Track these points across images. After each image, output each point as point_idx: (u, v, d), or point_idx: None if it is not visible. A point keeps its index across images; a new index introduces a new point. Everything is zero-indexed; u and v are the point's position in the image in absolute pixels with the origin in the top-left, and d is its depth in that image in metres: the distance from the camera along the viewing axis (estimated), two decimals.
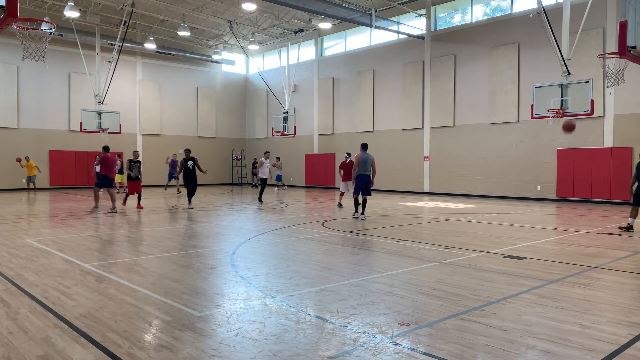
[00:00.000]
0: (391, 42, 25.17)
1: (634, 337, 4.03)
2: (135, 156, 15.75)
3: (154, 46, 27.54)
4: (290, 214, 14.10)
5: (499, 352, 3.71)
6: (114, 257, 7.61)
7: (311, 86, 29.34)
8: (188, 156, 15.75)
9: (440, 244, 8.79)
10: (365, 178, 12.64)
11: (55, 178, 26.19)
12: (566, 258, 7.47)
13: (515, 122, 20.36)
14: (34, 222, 12.29)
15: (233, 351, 3.75)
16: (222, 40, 30.46)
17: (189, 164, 15.52)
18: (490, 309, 4.80)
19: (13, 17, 6.33)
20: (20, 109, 25.18)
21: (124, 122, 26.10)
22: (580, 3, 15.98)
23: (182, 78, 31.03)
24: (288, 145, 30.24)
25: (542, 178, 19.60)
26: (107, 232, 10.36)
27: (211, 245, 8.86)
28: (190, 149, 16.44)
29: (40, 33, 11.55)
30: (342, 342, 3.93)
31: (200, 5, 24.31)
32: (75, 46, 23.55)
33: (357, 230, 10.67)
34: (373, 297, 5.21)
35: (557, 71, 15.28)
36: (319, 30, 28.07)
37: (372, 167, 12.70)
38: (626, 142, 17.61)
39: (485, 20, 21.68)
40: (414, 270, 6.60)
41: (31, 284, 5.80)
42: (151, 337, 4.05)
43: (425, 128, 23.63)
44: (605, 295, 5.37)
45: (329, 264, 7.04)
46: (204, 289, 5.63)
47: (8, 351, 3.73)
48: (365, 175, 12.63)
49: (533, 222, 12.40)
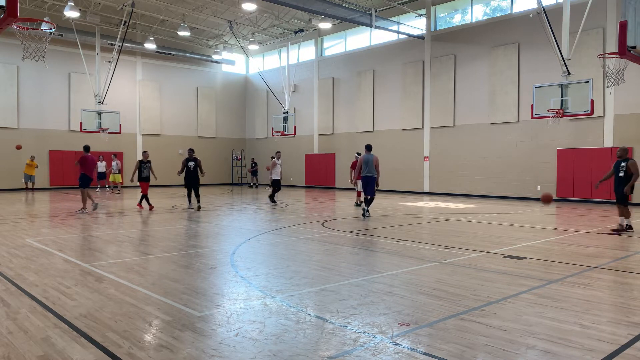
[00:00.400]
0: (391, 42, 25.17)
1: (634, 337, 4.03)
2: (145, 157, 15.70)
3: (154, 46, 27.55)
4: (290, 214, 14.10)
5: (499, 352, 3.71)
6: (114, 257, 7.61)
7: (311, 86, 29.34)
8: (191, 156, 15.33)
9: (440, 244, 8.79)
10: (366, 179, 12.90)
11: (55, 178, 26.20)
12: (566, 258, 7.47)
13: (515, 122, 20.36)
14: (34, 222, 12.29)
15: (233, 351, 3.75)
16: (222, 40, 30.46)
17: (190, 164, 15.11)
18: (490, 309, 4.80)
19: (13, 17, 6.33)
20: (20, 109, 25.18)
21: (124, 122, 26.10)
22: (580, 3, 15.99)
23: (182, 78, 31.03)
24: (288, 145, 30.23)
25: (542, 178, 19.60)
26: (107, 232, 10.35)
27: (211, 245, 8.86)
28: (193, 149, 16.03)
29: (40, 33, 11.54)
30: (342, 342, 3.93)
31: (200, 5, 24.31)
32: (75, 46, 23.55)
33: (357, 230, 10.67)
34: (373, 297, 5.20)
35: (557, 71, 15.28)
36: (319, 30, 28.08)
37: (375, 167, 12.77)
38: (626, 142, 17.60)
39: (485, 20, 21.68)
40: (414, 270, 6.60)
41: (31, 284, 5.80)
42: (151, 337, 4.05)
43: (425, 128, 23.64)
44: (605, 295, 5.37)
45: (329, 264, 7.04)
46: (204, 289, 5.63)
47: (8, 351, 3.73)
48: (367, 177, 12.81)
49: (533, 222, 12.40)
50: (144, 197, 15.46)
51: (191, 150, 15.81)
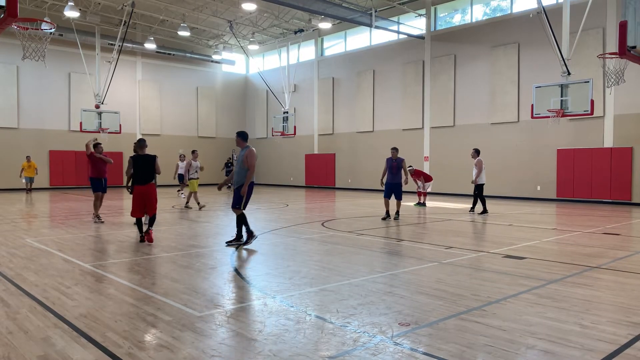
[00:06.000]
0: (391, 42, 25.17)
1: (634, 337, 4.03)
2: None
3: (154, 46, 27.55)
4: (290, 214, 14.10)
5: (499, 352, 3.71)
6: (114, 257, 7.61)
7: (311, 86, 29.34)
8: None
9: (440, 244, 8.78)
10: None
11: (55, 178, 26.20)
12: (566, 258, 7.47)
13: (515, 122, 20.36)
14: (34, 222, 12.29)
15: (233, 351, 3.75)
16: (222, 40, 30.45)
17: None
18: (490, 309, 4.80)
19: (13, 17, 6.34)
20: (20, 109, 25.18)
21: (124, 122, 26.08)
22: (580, 3, 15.98)
23: (182, 78, 31.04)
24: (288, 145, 30.23)
25: (542, 178, 19.60)
26: (107, 232, 10.35)
27: (211, 245, 8.86)
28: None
29: (40, 33, 11.54)
30: (342, 342, 3.93)
31: (200, 5, 24.31)
32: (75, 46, 23.54)
33: (357, 230, 10.67)
34: (373, 297, 5.20)
35: (557, 71, 15.27)
36: (319, 30, 28.06)
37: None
38: (626, 142, 17.61)
39: (485, 20, 21.67)
40: (414, 270, 6.60)
41: (31, 284, 5.80)
42: (151, 337, 4.05)
43: (425, 128, 23.63)
44: (605, 295, 5.37)
45: (329, 264, 7.04)
46: (204, 289, 5.63)
47: (8, 351, 3.73)
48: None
49: (533, 222, 12.39)
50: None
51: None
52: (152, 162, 8.75)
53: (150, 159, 8.75)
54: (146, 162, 8.71)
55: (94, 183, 11.92)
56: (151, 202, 8.77)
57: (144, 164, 8.69)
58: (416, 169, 17.95)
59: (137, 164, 8.67)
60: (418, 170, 18.00)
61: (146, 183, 8.63)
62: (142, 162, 8.70)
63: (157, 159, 8.86)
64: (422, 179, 17.32)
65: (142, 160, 8.71)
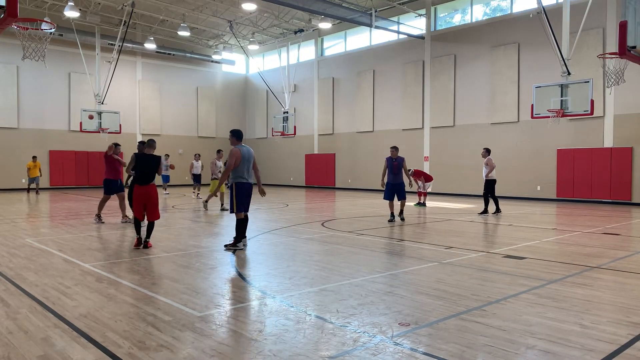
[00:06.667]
0: (391, 42, 25.16)
1: (634, 337, 4.03)
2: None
3: (154, 46, 27.54)
4: (290, 214, 14.10)
5: (499, 352, 3.71)
6: (114, 257, 7.61)
7: (311, 86, 29.34)
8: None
9: (440, 244, 8.78)
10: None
11: (55, 178, 26.19)
12: (566, 258, 7.47)
13: (515, 122, 20.36)
14: (34, 222, 12.28)
15: (233, 351, 3.75)
16: (222, 40, 30.45)
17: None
18: (490, 309, 4.80)
19: (13, 17, 6.34)
20: (20, 109, 25.17)
21: (123, 122, 26.08)
22: (580, 3, 15.98)
23: (182, 78, 31.03)
24: (288, 145, 30.23)
25: (542, 178, 19.60)
26: (108, 232, 10.35)
27: (211, 245, 8.86)
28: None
29: (40, 33, 11.54)
30: (342, 342, 3.93)
31: (200, 5, 24.31)
32: (75, 46, 23.54)
33: (357, 230, 10.67)
34: (373, 297, 5.20)
35: (557, 71, 15.27)
36: (319, 30, 28.06)
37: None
38: (626, 142, 17.61)
39: (485, 20, 21.67)
40: (414, 270, 6.60)
41: (31, 284, 5.80)
42: (151, 337, 4.05)
43: (425, 128, 23.63)
44: (605, 295, 5.37)
45: (329, 264, 7.04)
46: (204, 289, 5.63)
47: (8, 351, 3.73)
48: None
49: (533, 222, 12.39)
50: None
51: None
52: (155, 163, 8.51)
53: (154, 160, 8.50)
54: (150, 161, 8.44)
55: (108, 184, 11.84)
56: (152, 206, 8.39)
57: (147, 163, 8.43)
58: (416, 169, 17.95)
59: (140, 162, 8.42)
60: (418, 170, 18.01)
61: (147, 183, 8.39)
62: (146, 161, 8.44)
63: (161, 161, 8.71)
64: (423, 179, 17.33)
65: (146, 159, 8.46)
